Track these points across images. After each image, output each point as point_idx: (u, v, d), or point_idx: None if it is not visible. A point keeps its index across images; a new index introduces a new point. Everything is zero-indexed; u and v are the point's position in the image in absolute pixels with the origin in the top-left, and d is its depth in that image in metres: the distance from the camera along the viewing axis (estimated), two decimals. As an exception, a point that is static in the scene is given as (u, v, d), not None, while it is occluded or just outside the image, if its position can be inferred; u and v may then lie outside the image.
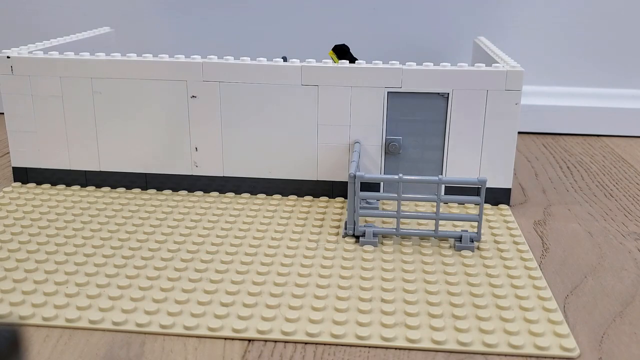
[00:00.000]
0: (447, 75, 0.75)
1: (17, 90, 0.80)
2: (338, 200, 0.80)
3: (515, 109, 0.76)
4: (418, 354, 0.51)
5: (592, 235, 0.73)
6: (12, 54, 0.80)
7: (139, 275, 0.61)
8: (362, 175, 0.67)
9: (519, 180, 0.90)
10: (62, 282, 0.59)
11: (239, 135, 0.79)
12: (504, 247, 0.68)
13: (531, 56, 1.11)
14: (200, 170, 0.81)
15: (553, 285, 0.61)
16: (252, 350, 0.51)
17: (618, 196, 0.85)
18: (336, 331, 0.52)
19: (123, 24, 1.14)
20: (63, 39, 0.93)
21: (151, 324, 0.53)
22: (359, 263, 0.64)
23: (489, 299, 0.58)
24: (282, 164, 0.80)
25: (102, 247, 0.66)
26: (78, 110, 0.80)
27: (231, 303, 0.56)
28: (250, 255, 0.65)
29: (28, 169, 0.83)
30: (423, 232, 0.69)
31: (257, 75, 0.77)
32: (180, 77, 0.78)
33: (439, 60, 1.04)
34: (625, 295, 0.60)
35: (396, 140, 0.78)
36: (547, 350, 0.51)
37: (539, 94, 1.13)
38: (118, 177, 0.82)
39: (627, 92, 1.13)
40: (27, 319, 0.54)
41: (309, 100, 0.77)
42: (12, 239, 0.68)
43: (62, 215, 0.74)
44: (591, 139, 1.11)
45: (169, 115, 0.79)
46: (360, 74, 0.76)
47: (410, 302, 0.57)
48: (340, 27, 1.12)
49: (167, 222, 0.73)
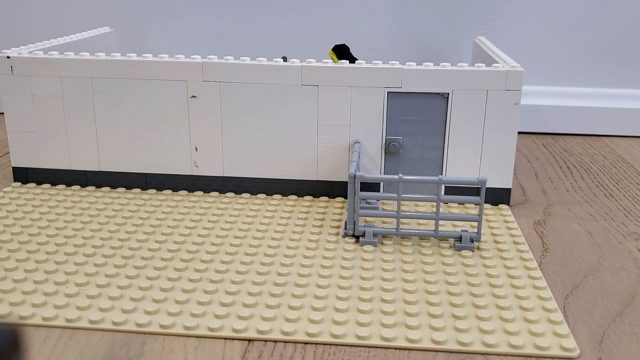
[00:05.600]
0: (447, 75, 0.75)
1: (17, 90, 0.80)
2: (338, 200, 0.80)
3: (515, 109, 0.76)
4: (418, 354, 0.51)
5: (592, 235, 0.73)
6: (12, 54, 0.80)
7: (139, 275, 0.61)
8: (362, 175, 0.67)
9: (519, 180, 0.90)
10: (62, 282, 0.59)
11: (239, 135, 0.79)
12: (504, 247, 0.68)
13: (531, 56, 1.11)
14: (200, 170, 0.81)
15: (553, 285, 0.61)
16: (252, 350, 0.51)
17: (618, 196, 0.85)
18: (336, 331, 0.52)
19: (123, 24, 1.14)
20: (63, 39, 0.93)
21: (151, 324, 0.53)
22: (359, 263, 0.64)
23: (489, 299, 0.58)
24: (282, 164, 0.80)
25: (102, 247, 0.66)
26: (78, 110, 0.80)
27: (231, 303, 0.56)
28: (250, 255, 0.65)
29: (28, 169, 0.83)
30: (423, 232, 0.69)
31: (257, 75, 0.77)
32: (180, 77, 0.78)
33: (439, 60, 1.04)
34: (625, 295, 0.60)
35: (396, 140, 0.78)
36: (547, 350, 0.51)
37: (539, 94, 1.13)
38: (118, 177, 0.82)
39: (627, 92, 1.13)
40: (27, 319, 0.54)
41: (309, 100, 0.77)
42: (12, 239, 0.68)
43: (62, 215, 0.74)
44: (591, 139, 1.11)
45: (169, 115, 0.79)
46: (360, 74, 0.76)
47: (410, 302, 0.57)
48: (340, 27, 1.12)
49: (167, 222, 0.73)
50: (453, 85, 0.76)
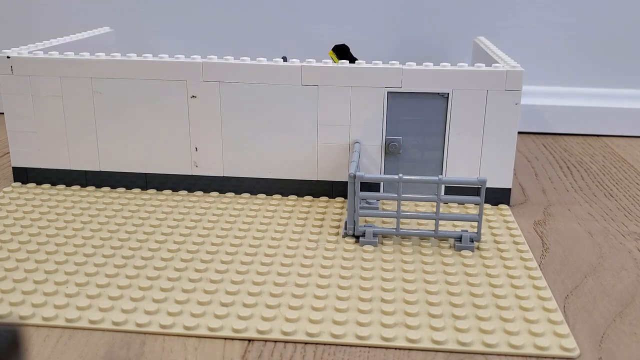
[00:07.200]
0: (447, 75, 0.75)
1: (17, 90, 0.80)
2: (338, 200, 0.80)
3: (515, 109, 0.76)
4: (418, 354, 0.51)
5: (592, 235, 0.73)
6: (12, 54, 0.80)
7: (139, 275, 0.61)
8: (362, 175, 0.67)
9: (519, 180, 0.90)
10: (62, 282, 0.59)
11: (239, 135, 0.79)
12: (504, 247, 0.68)
13: (531, 56, 1.11)
14: (200, 170, 0.81)
15: (553, 285, 0.61)
16: (252, 350, 0.51)
17: (618, 196, 0.85)
18: (336, 331, 0.52)
19: (123, 24, 1.14)
20: (63, 39, 0.93)
21: (151, 324, 0.53)
22: (359, 263, 0.64)
23: (489, 299, 0.58)
24: (282, 164, 0.80)
25: (102, 247, 0.66)
26: (78, 110, 0.80)
27: (231, 303, 0.56)
28: (250, 255, 0.65)
29: (28, 169, 0.83)
30: (423, 232, 0.69)
31: (257, 75, 0.77)
32: (180, 77, 0.78)
33: (439, 60, 1.04)
34: (625, 295, 0.60)
35: (396, 140, 0.78)
36: (547, 350, 0.51)
37: (539, 94, 1.13)
38: (118, 177, 0.82)
39: (627, 92, 1.13)
40: (27, 319, 0.54)
41: (309, 100, 0.77)
42: (12, 239, 0.68)
43: (62, 215, 0.74)
44: (591, 139, 1.11)
45: (169, 115, 0.79)
46: (360, 74, 0.76)
47: (410, 302, 0.57)
48: (340, 27, 1.12)
49: (167, 222, 0.73)
50: (453, 85, 0.76)
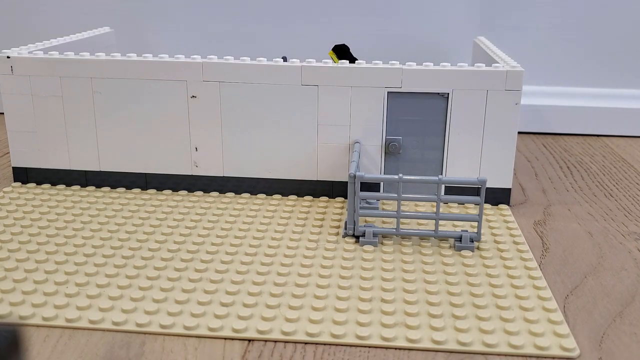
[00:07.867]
0: (447, 75, 0.75)
1: (17, 90, 0.80)
2: (338, 200, 0.80)
3: (515, 109, 0.76)
4: (418, 354, 0.51)
5: (592, 235, 0.73)
6: (12, 54, 0.80)
7: (139, 275, 0.61)
8: (362, 175, 0.67)
9: (519, 180, 0.90)
10: (62, 282, 0.59)
11: (239, 135, 0.79)
12: (504, 247, 0.68)
13: (531, 56, 1.11)
14: (200, 170, 0.81)
15: (553, 285, 0.61)
16: (252, 350, 0.51)
17: (618, 196, 0.85)
18: (336, 331, 0.52)
19: (123, 24, 1.14)
20: (63, 39, 0.93)
21: (151, 324, 0.53)
22: (359, 263, 0.64)
23: (489, 299, 0.58)
24: (282, 164, 0.80)
25: (102, 247, 0.66)
26: (78, 110, 0.80)
27: (231, 303, 0.56)
28: (250, 255, 0.65)
29: (28, 169, 0.83)
30: (423, 232, 0.69)
31: (257, 75, 0.77)
32: (180, 77, 0.78)
33: (439, 60, 1.04)
34: (625, 295, 0.60)
35: (396, 140, 0.78)
36: (547, 350, 0.51)
37: (539, 94, 1.13)
38: (118, 177, 0.82)
39: (627, 92, 1.13)
40: (27, 319, 0.54)
41: (309, 100, 0.77)
42: (12, 239, 0.68)
43: (62, 215, 0.74)
44: (591, 139, 1.11)
45: (169, 115, 0.79)
46: (360, 74, 0.76)
47: (410, 302, 0.57)
48: (340, 27, 1.12)
49: (167, 222, 0.73)
50: (453, 85, 0.76)
